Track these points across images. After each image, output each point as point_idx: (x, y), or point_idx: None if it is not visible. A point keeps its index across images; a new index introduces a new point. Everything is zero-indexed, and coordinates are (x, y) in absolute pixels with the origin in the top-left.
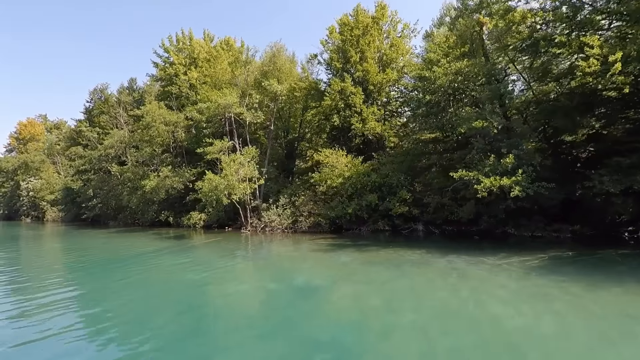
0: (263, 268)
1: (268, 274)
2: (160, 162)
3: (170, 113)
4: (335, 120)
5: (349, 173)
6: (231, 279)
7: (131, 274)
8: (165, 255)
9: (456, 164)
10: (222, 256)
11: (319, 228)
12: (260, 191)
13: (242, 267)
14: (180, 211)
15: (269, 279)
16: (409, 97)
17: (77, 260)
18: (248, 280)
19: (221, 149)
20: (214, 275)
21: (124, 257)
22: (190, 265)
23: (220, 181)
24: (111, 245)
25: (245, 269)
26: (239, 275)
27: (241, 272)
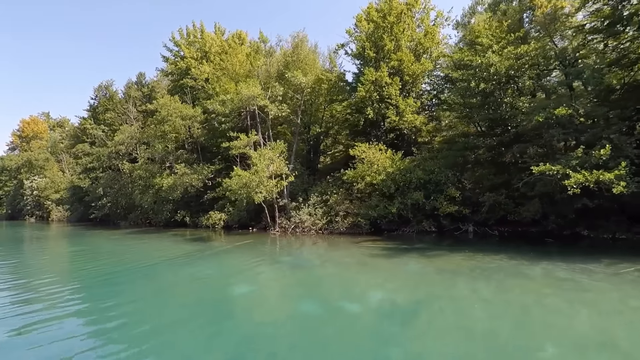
0: (323, 280)
1: (334, 289)
2: (175, 159)
3: (186, 107)
4: (369, 113)
5: (391, 169)
6: (290, 295)
7: (166, 286)
8: (198, 262)
9: (518, 158)
10: (262, 263)
11: (358, 229)
12: (287, 189)
13: (296, 278)
14: (197, 211)
15: (339, 296)
16: (457, 86)
17: (96, 269)
18: (312, 298)
19: (248, 143)
20: (266, 290)
21: (151, 263)
22: (232, 274)
23: (251, 178)
24: (131, 248)
25: (302, 282)
26: (298, 291)
27: (298, 285)
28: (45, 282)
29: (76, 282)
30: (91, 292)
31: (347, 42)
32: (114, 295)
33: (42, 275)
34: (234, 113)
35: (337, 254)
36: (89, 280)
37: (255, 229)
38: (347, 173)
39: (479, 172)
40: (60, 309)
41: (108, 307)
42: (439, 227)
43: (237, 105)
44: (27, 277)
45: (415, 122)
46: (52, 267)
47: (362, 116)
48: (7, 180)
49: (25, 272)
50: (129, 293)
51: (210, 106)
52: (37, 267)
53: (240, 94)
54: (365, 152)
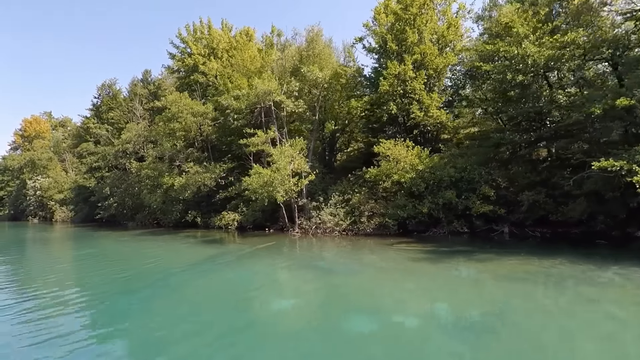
0: (368, 289)
1: (384, 300)
2: (185, 157)
3: (197, 103)
4: (392, 108)
5: (421, 167)
6: (335, 308)
7: (192, 297)
8: (222, 268)
9: (559, 154)
10: (294, 268)
11: (385, 230)
12: (305, 188)
13: (336, 287)
14: (208, 211)
15: (391, 308)
16: (488, 80)
17: (112, 277)
18: (361, 310)
19: (266, 140)
20: (307, 302)
21: (172, 270)
22: (265, 283)
23: (273, 176)
24: (145, 252)
25: (345, 291)
26: (343, 302)
27: (341, 296)
28: (57, 293)
29: (91, 292)
30: (110, 306)
31: (364, 36)
32: (136, 309)
33: (53, 285)
34: (247, 110)
35: (373, 258)
36: (105, 291)
37: (272, 229)
38: (370, 171)
39: (514, 169)
40: (78, 329)
41: (132, 324)
42: (471, 228)
43: (252, 101)
44: (36, 287)
45: (441, 118)
46: (63, 275)
47: (384, 112)
48: (9, 180)
49: (33, 280)
50: (153, 306)
51: (224, 101)
52: (46, 274)
53: (256, 88)
54: (390, 149)
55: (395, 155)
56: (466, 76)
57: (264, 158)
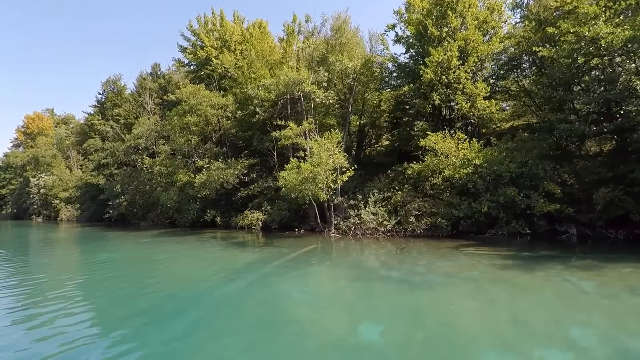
0: (477, 311)
1: (511, 330)
2: (204, 153)
3: (216, 95)
4: (435, 98)
5: (478, 161)
6: (453, 339)
7: (261, 324)
8: (273, 279)
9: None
10: (362, 280)
11: (436, 231)
12: (338, 186)
13: (435, 308)
14: (228, 210)
15: (544, 345)
16: (555, 65)
17: (147, 290)
18: (496, 344)
19: (300, 132)
20: (405, 332)
21: (215, 281)
22: (337, 300)
23: (315, 171)
24: (173, 256)
25: (449, 314)
26: (459, 330)
27: (447, 322)
28: (85, 316)
29: (128, 315)
30: (157, 332)
31: (396, 24)
32: (190, 336)
33: (75, 303)
34: (269, 102)
35: (447, 265)
36: (143, 311)
37: (302, 230)
38: (412, 167)
39: (580, 164)
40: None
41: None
42: (531, 229)
43: (281, 91)
44: (53, 312)
45: (491, 109)
46: (86, 289)
47: (427, 103)
48: (11, 178)
49: (48, 296)
50: (212, 333)
51: (252, 92)
52: (64, 288)
53: (286, 77)
54: (438, 142)
55: (444, 149)
56: (507, 65)
57: (289, 153)
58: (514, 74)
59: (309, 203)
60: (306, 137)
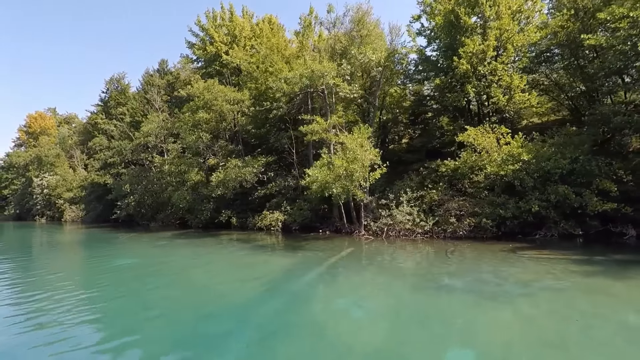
0: (587, 333)
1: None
2: (218, 150)
3: (231, 90)
4: (469, 91)
5: (527, 157)
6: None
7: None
8: (325, 292)
9: None
10: (419, 290)
11: (480, 232)
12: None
13: (532, 327)
14: (243, 210)
15: None
16: (615, 50)
17: (187, 313)
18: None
19: (329, 127)
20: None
21: (258, 296)
22: (412, 323)
23: (351, 167)
24: (196, 261)
25: (549, 337)
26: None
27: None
28: (121, 347)
29: (171, 342)
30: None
31: (420, 14)
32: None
33: (102, 326)
34: (286, 97)
35: (517, 272)
36: (188, 336)
37: (327, 231)
38: (447, 164)
39: (638, 159)
40: None
41: None
42: (583, 229)
43: (305, 84)
44: (83, 330)
45: (531, 101)
46: (108, 311)
47: (461, 96)
48: (14, 178)
49: (74, 319)
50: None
51: (274, 84)
52: (82, 310)
53: (311, 69)
54: (477, 138)
55: (485, 145)
56: (538, 57)
57: (309, 150)
58: (543, 67)
59: (333, 203)
60: (334, 132)
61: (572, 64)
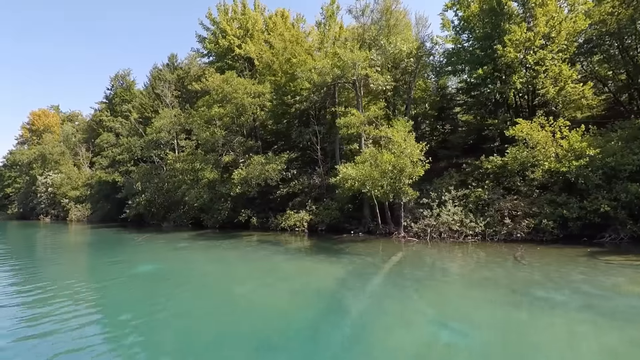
0: None
1: None
2: (238, 146)
3: (252, 82)
4: (515, 82)
5: (593, 151)
6: None
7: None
8: (408, 310)
9: None
10: (517, 303)
11: (539, 235)
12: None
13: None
14: (263, 210)
15: None
16: None
17: (239, 333)
18: None
19: (367, 119)
20: None
21: (321, 315)
22: (544, 349)
23: (403, 162)
24: (230, 269)
25: None
26: None
27: None
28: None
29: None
30: None
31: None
32: None
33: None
34: (307, 90)
35: (623, 282)
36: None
37: (359, 232)
38: (493, 160)
39: None
40: None
41: None
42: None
43: (335, 74)
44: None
45: (586, 93)
46: (147, 324)
47: (505, 87)
48: (17, 176)
49: (108, 346)
50: None
51: (303, 74)
52: (107, 323)
53: (341, 60)
54: (532, 131)
55: (539, 140)
56: (582, 47)
57: (336, 146)
58: (582, 58)
59: (365, 202)
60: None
61: (618, 54)
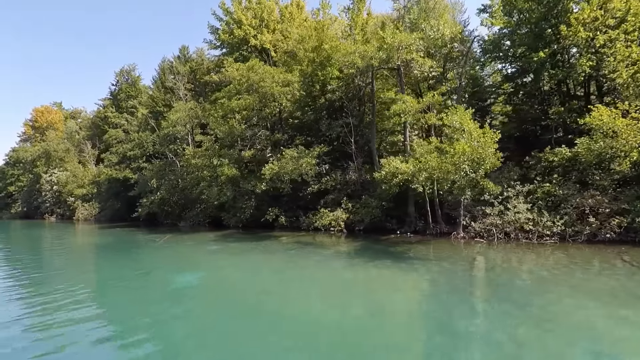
0: None
1: None
2: (263, 140)
3: (280, 71)
4: (583, 66)
5: None
6: None
7: None
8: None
9: None
10: None
11: (628, 235)
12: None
13: None
14: (291, 208)
15: None
16: None
17: None
18: None
19: (425, 106)
20: None
21: (440, 341)
22: None
23: (483, 153)
24: (294, 282)
25: None
26: None
27: None
28: None
29: None
30: None
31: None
32: None
33: None
34: (336, 81)
35: None
36: None
37: (408, 232)
38: (562, 151)
39: None
40: None
41: None
42: None
43: (382, 58)
44: None
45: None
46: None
47: (571, 72)
48: (20, 174)
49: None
50: None
51: (345, 58)
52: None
53: (387, 43)
54: (616, 120)
55: (620, 127)
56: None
57: (372, 138)
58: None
59: (410, 199)
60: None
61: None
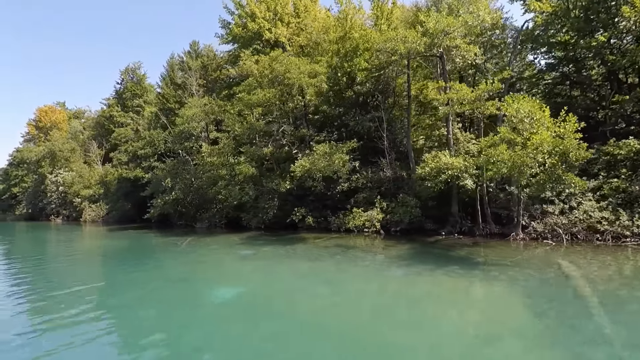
0: None
1: None
2: (287, 136)
3: (305, 61)
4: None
5: None
6: None
7: None
8: None
9: None
10: None
11: None
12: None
13: None
14: (318, 208)
15: None
16: None
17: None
18: None
19: (480, 95)
20: None
21: None
22: None
23: (568, 143)
24: (353, 294)
25: None
26: None
27: None
28: None
29: None
30: None
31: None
32: None
33: None
34: (364, 73)
35: None
36: None
37: (455, 234)
38: (628, 143)
39: None
40: None
41: None
42: None
43: (427, 44)
44: None
45: None
46: None
47: (633, 56)
48: (24, 175)
49: None
50: None
51: (387, 45)
52: None
53: (430, 27)
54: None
55: None
56: None
57: (407, 132)
58: None
59: (453, 198)
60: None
61: None
